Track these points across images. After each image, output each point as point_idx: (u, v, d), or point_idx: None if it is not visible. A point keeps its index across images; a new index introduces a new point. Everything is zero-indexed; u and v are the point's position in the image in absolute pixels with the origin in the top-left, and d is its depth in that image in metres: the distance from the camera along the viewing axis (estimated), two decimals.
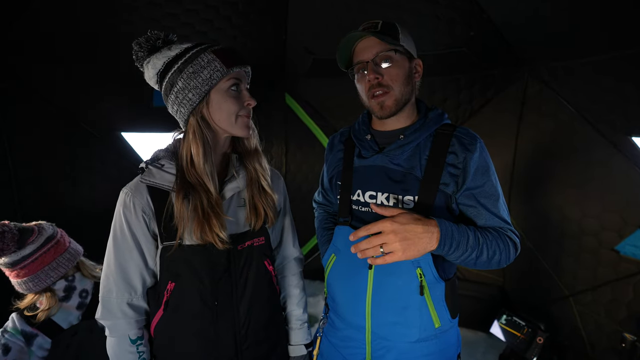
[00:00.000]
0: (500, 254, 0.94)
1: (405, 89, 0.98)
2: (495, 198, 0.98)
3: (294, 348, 1.17)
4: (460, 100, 2.64)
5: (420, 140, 1.00)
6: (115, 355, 0.96)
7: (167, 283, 0.95)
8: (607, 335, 2.08)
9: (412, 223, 0.84)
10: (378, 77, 0.96)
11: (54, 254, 1.23)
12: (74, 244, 1.33)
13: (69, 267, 1.26)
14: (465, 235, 0.89)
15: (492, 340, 2.52)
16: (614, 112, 1.94)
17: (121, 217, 0.92)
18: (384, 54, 0.95)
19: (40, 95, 2.10)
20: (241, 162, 1.04)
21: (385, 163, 1.01)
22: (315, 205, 1.37)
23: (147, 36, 0.92)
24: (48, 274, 1.22)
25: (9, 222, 1.18)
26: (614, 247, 2.02)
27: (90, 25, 2.02)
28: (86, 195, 2.35)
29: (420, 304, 0.98)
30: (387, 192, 1.00)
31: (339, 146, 1.17)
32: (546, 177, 2.34)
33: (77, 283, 1.29)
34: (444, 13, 2.06)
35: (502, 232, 0.96)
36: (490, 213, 0.97)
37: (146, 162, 0.96)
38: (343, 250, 1.10)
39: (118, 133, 2.48)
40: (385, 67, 0.96)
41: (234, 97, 0.93)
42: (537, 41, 2.06)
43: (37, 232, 1.22)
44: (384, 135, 1.05)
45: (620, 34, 1.75)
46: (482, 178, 0.96)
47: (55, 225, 1.31)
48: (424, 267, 0.96)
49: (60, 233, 1.30)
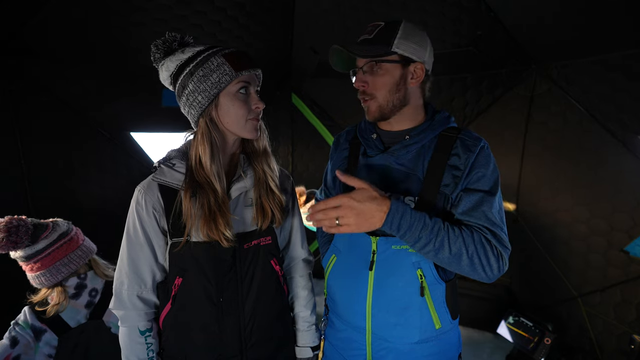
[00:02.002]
0: (470, 256, 0.87)
1: (391, 96, 0.98)
2: (488, 194, 0.93)
3: (301, 350, 1.18)
4: (467, 100, 2.63)
5: (425, 141, 1.00)
6: (126, 345, 0.99)
7: (175, 278, 0.98)
8: (617, 337, 2.06)
9: (367, 201, 0.85)
10: (363, 85, 0.99)
11: (66, 250, 1.27)
12: (88, 241, 1.37)
13: (80, 264, 1.30)
14: (421, 221, 0.86)
15: (499, 340, 2.50)
16: (624, 111, 1.91)
17: (134, 214, 0.96)
18: (369, 64, 0.98)
19: (52, 95, 2.15)
20: (250, 163, 1.05)
21: (390, 162, 1.02)
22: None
23: (164, 38, 0.95)
24: (59, 269, 1.25)
25: (27, 217, 1.22)
26: (623, 247, 1.99)
27: (101, 26, 2.06)
28: (97, 193, 2.40)
29: (421, 305, 0.98)
30: (389, 192, 1.00)
31: (344, 144, 1.18)
32: (555, 177, 2.32)
33: (89, 281, 1.32)
34: (451, 12, 2.05)
35: (479, 232, 0.90)
36: (476, 204, 0.91)
37: (159, 162, 0.99)
38: (344, 251, 1.10)
39: (127, 133, 2.52)
40: (370, 76, 0.98)
41: (243, 100, 0.95)
42: (546, 40, 2.05)
43: (51, 228, 1.26)
44: (390, 135, 1.06)
45: (630, 32, 1.72)
46: (478, 172, 0.94)
47: (71, 223, 1.35)
48: (424, 268, 0.97)
49: (75, 230, 1.34)
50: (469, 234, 0.89)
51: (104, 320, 1.31)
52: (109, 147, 2.43)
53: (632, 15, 1.63)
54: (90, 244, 1.37)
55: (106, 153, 2.43)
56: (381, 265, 1.00)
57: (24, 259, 1.23)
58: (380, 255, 1.00)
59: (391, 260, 0.99)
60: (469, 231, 0.90)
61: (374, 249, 1.01)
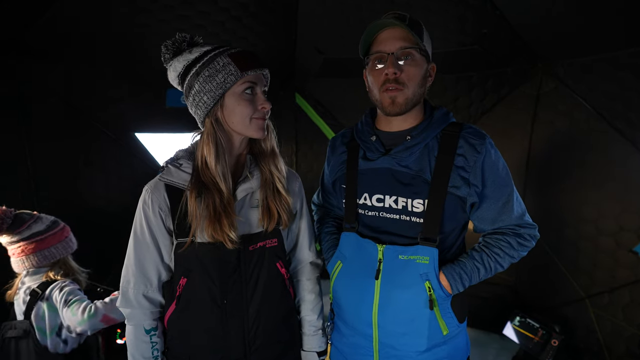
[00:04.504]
0: (512, 260, 1.01)
1: (419, 90, 0.95)
2: (508, 194, 0.97)
3: (306, 354, 1.16)
4: (472, 99, 2.60)
5: (428, 141, 0.97)
6: (132, 343, 1.00)
7: (180, 278, 0.98)
8: (625, 338, 2.03)
9: None
10: (397, 73, 0.91)
11: (60, 237, 1.50)
12: (73, 239, 1.56)
13: (66, 254, 1.50)
14: (476, 271, 0.98)
15: (505, 341, 2.48)
16: (632, 109, 1.88)
17: (141, 213, 0.97)
18: (407, 50, 0.91)
19: (57, 96, 2.16)
20: (257, 164, 1.05)
21: (392, 165, 0.98)
22: (315, 208, 1.33)
23: (174, 38, 0.95)
24: (52, 252, 1.47)
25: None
26: (632, 248, 1.96)
27: (105, 27, 2.07)
28: (102, 194, 2.41)
29: (430, 316, 0.96)
30: (395, 195, 0.98)
31: (341, 148, 1.13)
32: (562, 177, 2.29)
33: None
34: (456, 10, 2.03)
35: (513, 235, 0.99)
36: (501, 210, 0.98)
37: (166, 162, 1.00)
38: (349, 257, 1.07)
39: (132, 133, 2.53)
40: (405, 64, 0.92)
41: (248, 100, 0.95)
42: (552, 37, 2.02)
43: (37, 215, 1.48)
44: (390, 136, 1.02)
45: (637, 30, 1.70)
46: (493, 180, 0.95)
47: (60, 220, 1.54)
48: (432, 280, 0.95)
49: (63, 225, 1.54)
50: (507, 243, 0.98)
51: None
52: (114, 148, 2.44)
53: (639, 12, 1.61)
54: (73, 241, 1.56)
55: (111, 153, 2.44)
56: (388, 274, 0.98)
57: (24, 239, 1.41)
58: (386, 264, 0.98)
59: (398, 270, 0.97)
60: (504, 241, 0.97)
61: (380, 258, 0.99)
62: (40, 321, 1.38)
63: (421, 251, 0.95)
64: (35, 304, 1.38)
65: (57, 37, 2.00)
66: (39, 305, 1.38)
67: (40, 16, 1.85)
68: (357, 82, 1.14)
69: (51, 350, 1.39)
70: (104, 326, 1.40)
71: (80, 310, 1.35)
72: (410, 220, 0.97)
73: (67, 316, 1.37)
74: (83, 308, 1.36)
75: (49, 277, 1.44)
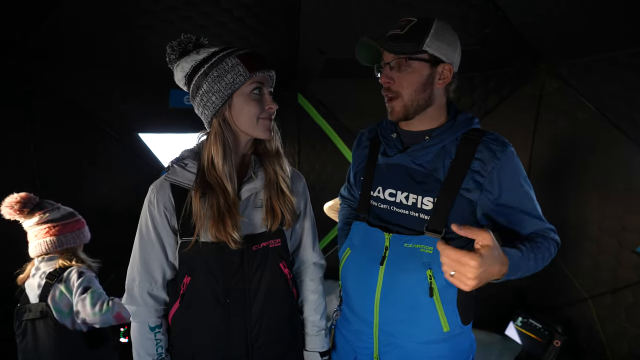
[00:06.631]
0: (550, 258, 0.99)
1: (418, 95, 0.96)
2: (532, 201, 0.99)
3: (309, 354, 1.17)
4: (475, 99, 2.60)
5: (446, 142, 0.99)
6: (137, 340, 1.01)
7: (184, 277, 0.99)
8: (628, 339, 2.02)
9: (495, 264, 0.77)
10: (389, 82, 0.96)
11: (79, 225, 1.60)
12: (88, 232, 1.65)
13: (80, 243, 1.58)
14: (527, 262, 0.91)
15: (507, 342, 2.47)
16: (635, 109, 1.88)
17: (146, 212, 0.98)
18: (397, 60, 0.95)
19: (61, 97, 2.18)
20: (261, 164, 1.06)
21: (408, 162, 1.01)
22: (341, 200, 1.39)
23: (179, 39, 0.96)
24: (70, 238, 1.55)
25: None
26: (635, 249, 1.96)
27: (108, 28, 2.08)
28: (106, 194, 2.43)
29: (429, 305, 0.97)
30: (407, 192, 1.01)
31: (365, 143, 1.19)
32: (565, 177, 2.28)
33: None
34: (458, 10, 2.03)
35: (547, 236, 0.98)
36: (532, 217, 0.99)
37: (172, 161, 1.01)
38: (358, 245, 1.11)
39: (136, 134, 2.55)
40: (396, 73, 0.96)
41: (256, 100, 0.96)
42: (555, 37, 2.01)
43: (57, 205, 1.59)
44: (410, 135, 1.05)
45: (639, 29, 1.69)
46: (516, 189, 0.97)
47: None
48: (435, 269, 0.96)
49: (79, 217, 1.63)
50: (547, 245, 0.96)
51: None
52: (118, 148, 2.46)
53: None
54: (87, 232, 1.64)
55: (115, 154, 2.46)
56: (392, 261, 1.00)
57: (55, 220, 1.52)
58: (392, 251, 1.00)
59: (402, 257, 0.99)
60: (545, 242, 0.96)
61: (386, 245, 1.01)
62: (58, 303, 1.42)
63: (426, 241, 0.97)
64: (52, 287, 1.42)
65: (62, 38, 2.02)
66: (56, 287, 1.43)
67: (46, 18, 1.87)
68: (359, 82, 1.15)
69: (70, 328, 1.43)
70: (114, 323, 1.43)
71: (99, 304, 1.39)
72: (418, 216, 1.00)
73: (81, 305, 1.41)
74: (101, 302, 1.40)
75: (63, 264, 1.48)
